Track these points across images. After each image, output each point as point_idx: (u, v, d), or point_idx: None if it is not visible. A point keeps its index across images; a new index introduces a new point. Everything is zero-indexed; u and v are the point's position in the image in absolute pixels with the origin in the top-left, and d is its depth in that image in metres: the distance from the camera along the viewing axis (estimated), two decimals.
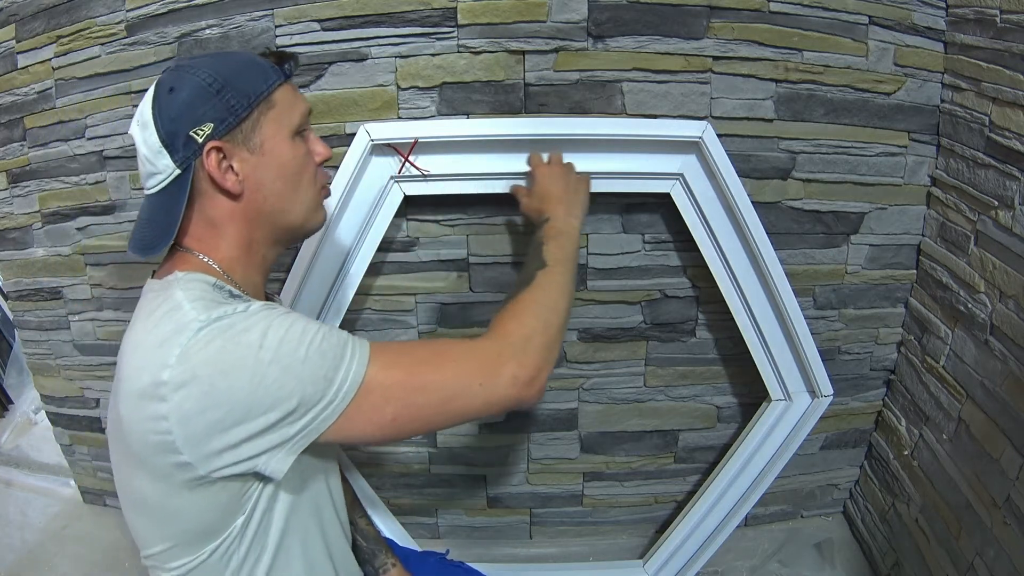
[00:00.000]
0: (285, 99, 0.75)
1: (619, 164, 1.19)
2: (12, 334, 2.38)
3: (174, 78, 0.71)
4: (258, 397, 0.63)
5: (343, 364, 0.66)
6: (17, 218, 1.40)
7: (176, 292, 0.67)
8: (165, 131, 0.69)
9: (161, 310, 0.66)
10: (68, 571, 1.57)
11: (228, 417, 0.62)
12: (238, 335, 0.63)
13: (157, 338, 0.64)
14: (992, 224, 1.10)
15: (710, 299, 1.34)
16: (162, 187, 0.71)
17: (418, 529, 1.61)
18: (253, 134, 0.72)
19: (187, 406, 0.62)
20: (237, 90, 0.71)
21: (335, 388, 0.65)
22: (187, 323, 0.63)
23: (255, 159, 0.73)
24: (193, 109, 0.69)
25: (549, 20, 1.14)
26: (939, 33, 1.18)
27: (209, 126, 0.69)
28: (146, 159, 0.70)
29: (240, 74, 0.72)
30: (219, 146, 0.70)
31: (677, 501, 1.59)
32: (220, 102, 0.70)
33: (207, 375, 0.61)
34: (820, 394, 1.31)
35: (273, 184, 0.74)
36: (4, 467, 1.91)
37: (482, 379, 0.71)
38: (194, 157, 0.70)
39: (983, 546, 1.14)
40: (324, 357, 0.65)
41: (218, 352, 0.62)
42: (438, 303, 1.37)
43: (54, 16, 1.22)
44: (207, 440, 0.63)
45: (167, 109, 0.69)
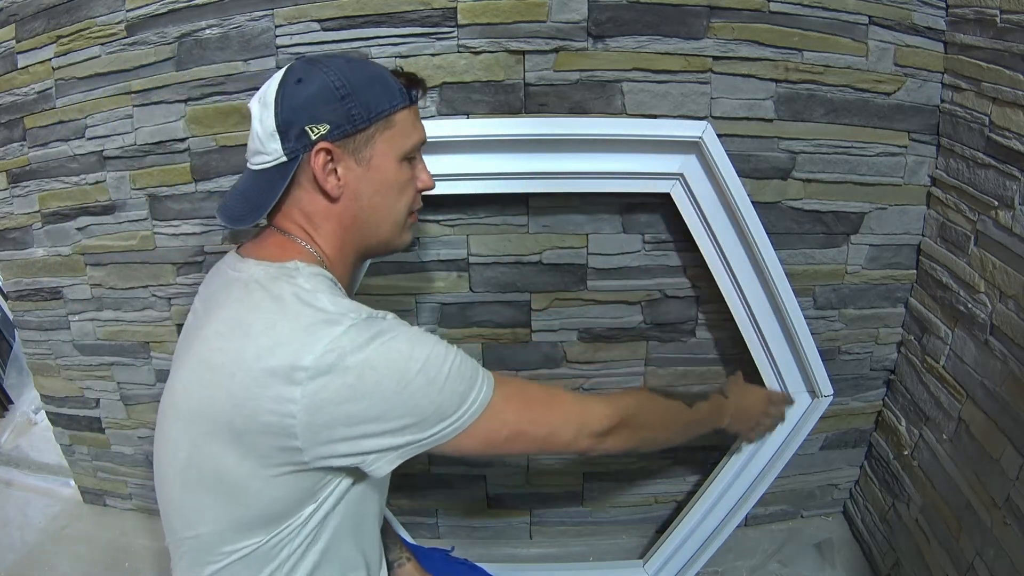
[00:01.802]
0: (405, 123, 0.77)
1: (619, 164, 1.19)
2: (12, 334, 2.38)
3: (305, 70, 0.73)
4: (401, 400, 0.66)
5: (476, 386, 0.72)
6: (17, 218, 1.40)
7: (303, 282, 0.70)
8: (283, 118, 0.71)
9: (291, 294, 0.68)
10: (68, 571, 1.57)
11: (365, 413, 0.65)
12: (389, 341, 0.67)
13: (300, 323, 0.65)
14: (992, 224, 1.10)
15: (710, 299, 1.34)
16: (265, 167, 0.73)
17: (418, 529, 1.61)
18: (365, 147, 0.74)
19: (324, 395, 0.63)
20: (361, 101, 0.73)
21: (466, 406, 0.70)
22: (338, 316, 0.66)
23: (360, 170, 0.75)
24: (315, 106, 0.71)
25: (549, 20, 1.14)
26: (939, 33, 1.18)
27: (325, 127, 0.71)
28: (258, 136, 0.73)
29: (368, 86, 0.74)
30: (329, 148, 0.72)
31: (677, 501, 1.59)
32: (342, 107, 0.72)
33: (357, 370, 0.64)
34: (820, 394, 1.31)
35: (371, 198, 0.77)
36: (4, 467, 1.91)
37: (579, 425, 0.81)
38: (303, 151, 0.72)
39: (983, 546, 1.14)
40: (462, 376, 0.71)
41: (371, 351, 0.65)
42: (438, 303, 1.37)
43: (54, 16, 1.22)
44: (331, 430, 0.65)
45: (291, 98, 0.71)
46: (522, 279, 1.34)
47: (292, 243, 0.76)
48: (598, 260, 1.33)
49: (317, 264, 0.75)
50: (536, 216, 1.29)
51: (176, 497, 0.73)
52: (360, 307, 0.69)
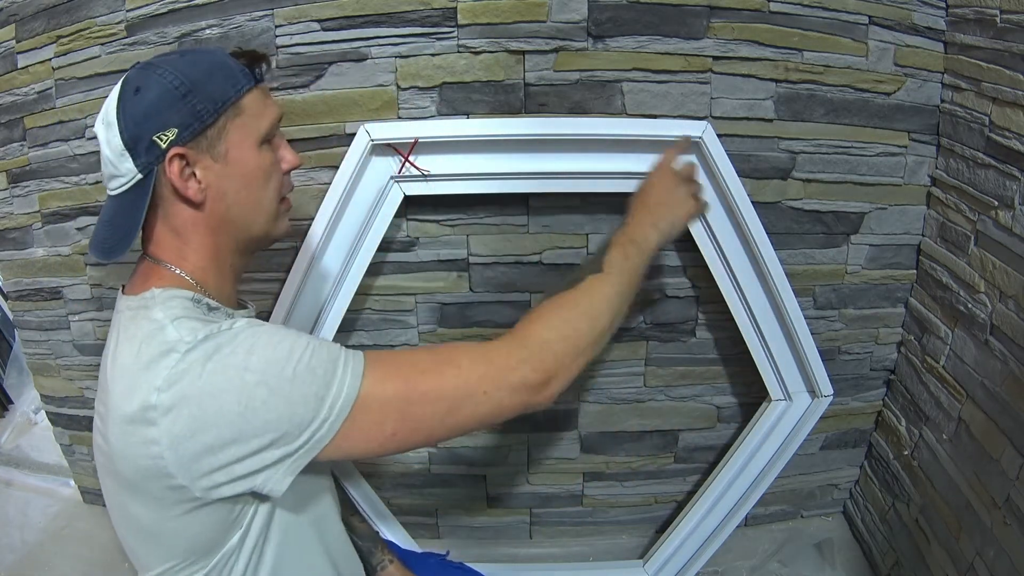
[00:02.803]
0: (254, 105, 0.72)
1: (619, 164, 1.19)
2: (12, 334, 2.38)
3: (141, 77, 0.68)
4: (247, 419, 0.61)
5: (335, 381, 0.64)
6: (17, 218, 1.40)
7: (156, 312, 0.65)
8: (128, 134, 0.66)
9: (143, 331, 0.64)
10: (68, 571, 1.57)
11: (219, 439, 0.61)
12: (225, 357, 0.62)
13: (143, 361, 0.62)
14: (992, 224, 1.10)
15: (710, 299, 1.34)
16: (124, 190, 0.68)
17: (418, 529, 1.61)
18: (218, 141, 0.70)
19: (177, 429, 0.60)
20: (204, 95, 0.68)
21: (327, 406, 0.63)
22: (173, 345, 0.62)
23: (219, 167, 0.70)
24: (158, 113, 0.66)
25: (549, 20, 1.14)
26: (939, 33, 1.18)
27: (173, 132, 0.67)
28: (108, 160, 0.68)
29: (209, 77, 0.69)
30: (182, 153, 0.67)
31: (677, 501, 1.59)
32: (186, 107, 0.67)
33: (196, 397, 0.60)
34: (820, 394, 1.31)
35: (237, 194, 0.72)
36: (4, 467, 1.91)
37: (488, 386, 0.68)
38: (156, 163, 0.67)
39: (983, 546, 1.14)
40: (313, 374, 0.63)
41: (206, 375, 0.61)
42: (438, 303, 1.37)
43: (54, 16, 1.22)
44: (200, 462, 0.61)
45: (132, 110, 0.67)
46: (522, 279, 1.34)
47: (155, 269, 0.72)
48: None
49: (178, 285, 0.70)
50: (536, 216, 1.29)
51: (125, 544, 0.72)
52: (205, 324, 0.64)
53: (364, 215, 1.21)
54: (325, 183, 1.21)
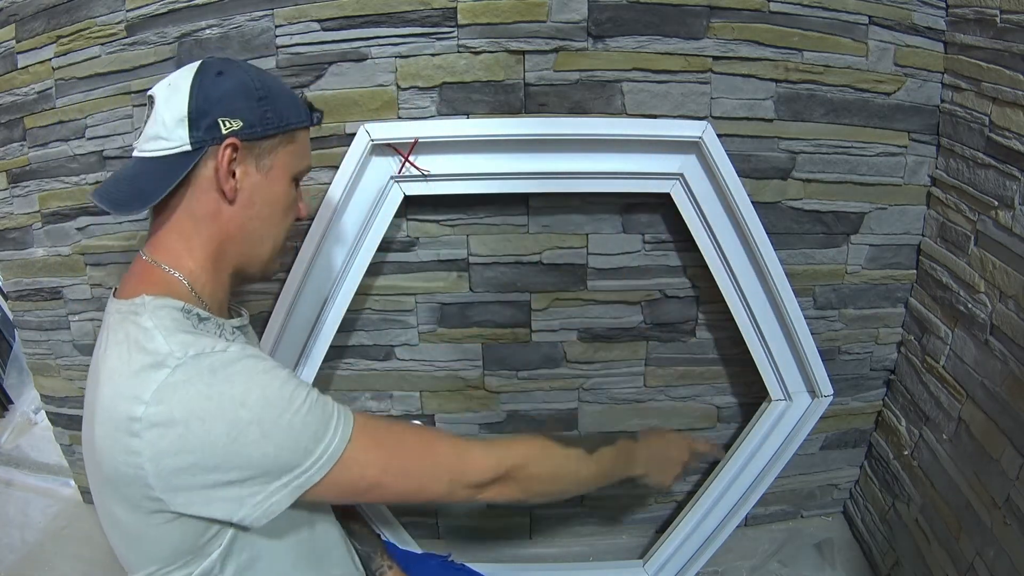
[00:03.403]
0: (302, 143, 0.77)
1: (619, 164, 1.19)
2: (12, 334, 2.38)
3: (225, 65, 0.72)
4: (233, 451, 0.61)
5: (324, 438, 0.66)
6: (17, 218, 1.40)
7: (145, 320, 0.65)
8: (196, 105, 0.68)
9: (132, 337, 0.64)
10: (68, 571, 1.57)
11: (200, 464, 0.61)
12: (219, 383, 0.61)
13: (132, 369, 0.62)
14: (992, 224, 1.10)
15: (710, 299, 1.34)
16: (163, 154, 0.69)
17: (419, 530, 1.61)
18: (268, 155, 0.73)
19: (161, 445, 0.60)
20: (275, 108, 0.72)
21: (312, 459, 0.65)
22: (163, 359, 0.61)
23: (258, 177, 0.73)
24: (232, 100, 0.69)
25: (549, 20, 1.14)
26: (939, 33, 1.18)
27: (238, 123, 0.69)
28: (163, 121, 0.68)
29: (282, 96, 0.74)
30: (237, 145, 0.70)
31: (677, 501, 1.59)
32: (258, 108, 0.71)
33: (183, 419, 0.60)
34: (820, 394, 1.31)
35: (261, 208, 0.74)
36: (4, 467, 1.91)
37: (454, 478, 0.76)
38: (210, 144, 0.69)
39: (983, 546, 1.14)
40: (306, 428, 0.65)
41: (197, 397, 0.61)
42: (438, 303, 1.37)
43: (54, 16, 1.22)
44: (179, 480, 0.61)
45: (208, 87, 0.69)
46: (522, 279, 1.34)
47: (150, 271, 0.71)
48: (598, 260, 1.33)
49: (169, 293, 0.69)
50: (536, 216, 1.29)
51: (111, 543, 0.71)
52: (196, 340, 0.63)
53: (364, 215, 1.21)
54: (325, 183, 1.21)
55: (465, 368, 1.43)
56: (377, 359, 1.42)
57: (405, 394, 1.46)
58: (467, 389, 1.45)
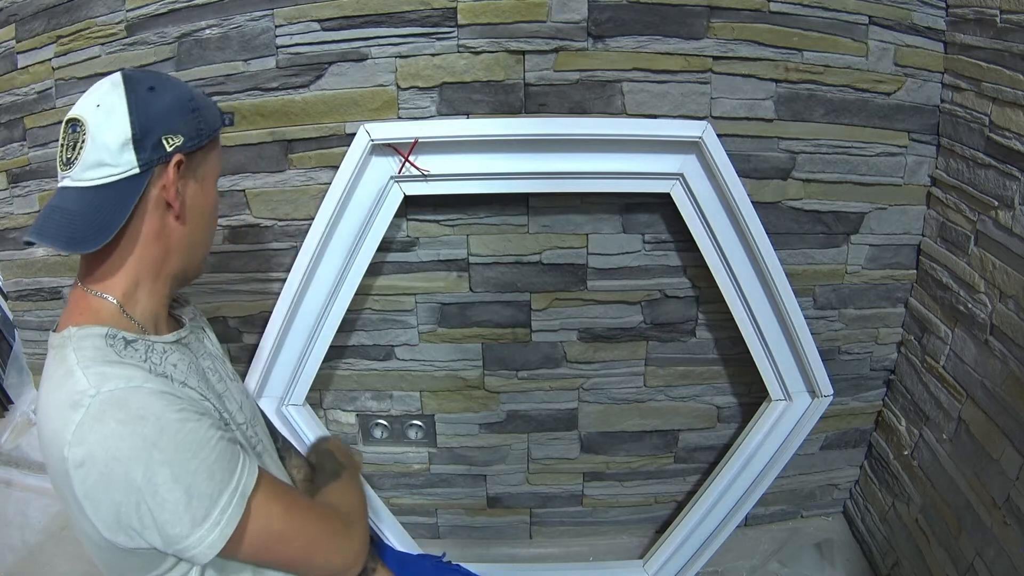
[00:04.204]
0: (219, 146, 0.78)
1: (619, 164, 1.19)
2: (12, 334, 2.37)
3: (153, 79, 0.70)
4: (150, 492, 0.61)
5: (229, 487, 0.64)
6: (17, 218, 1.40)
7: (69, 354, 0.64)
8: (140, 125, 0.66)
9: (58, 375, 0.64)
10: (68, 571, 1.57)
11: (126, 502, 0.61)
12: (132, 421, 0.60)
13: (56, 407, 0.62)
14: (992, 224, 1.10)
15: (710, 299, 1.34)
16: (109, 182, 0.65)
17: (418, 529, 1.61)
18: (202, 165, 0.74)
19: (88, 485, 0.60)
20: (205, 117, 0.72)
21: (219, 509, 0.63)
22: (79, 396, 0.61)
23: (197, 187, 0.73)
24: (172, 116, 0.68)
25: (549, 20, 1.14)
26: (939, 33, 1.18)
27: (180, 139, 0.69)
28: (105, 147, 0.65)
29: (206, 104, 0.73)
30: (183, 161, 0.69)
31: (677, 501, 1.59)
32: (193, 121, 0.70)
33: (102, 459, 0.60)
34: (820, 394, 1.31)
35: (201, 217, 0.75)
36: (4, 467, 1.91)
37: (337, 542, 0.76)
38: (157, 163, 0.67)
39: (983, 546, 1.14)
40: (212, 477, 0.63)
41: (112, 436, 0.60)
42: (438, 303, 1.37)
43: (54, 16, 1.22)
44: (115, 518, 0.61)
45: (147, 106, 0.67)
46: (522, 279, 1.34)
47: (79, 299, 0.70)
48: (598, 260, 1.33)
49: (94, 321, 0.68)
50: (536, 216, 1.29)
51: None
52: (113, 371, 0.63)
53: (364, 215, 1.21)
54: (325, 183, 1.21)
55: (465, 368, 1.43)
56: (377, 359, 1.42)
57: (405, 394, 1.46)
58: (467, 389, 1.45)
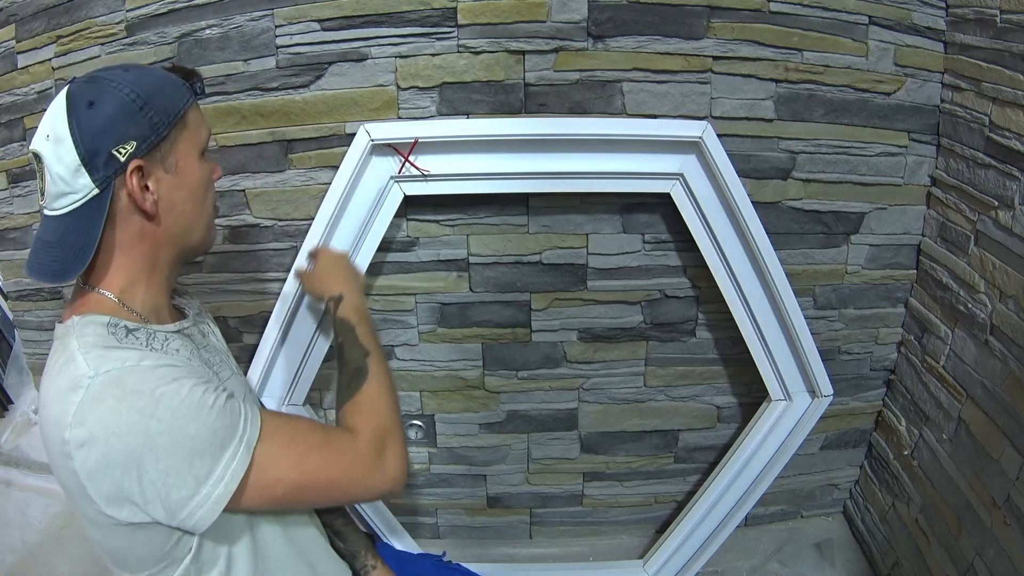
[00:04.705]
0: (195, 118, 0.75)
1: (619, 164, 1.19)
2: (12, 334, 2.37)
3: (92, 91, 0.67)
4: (151, 461, 0.62)
5: (231, 444, 0.66)
6: (17, 218, 1.40)
7: (71, 341, 0.66)
8: (85, 148, 0.65)
9: (60, 361, 0.66)
10: (68, 571, 1.57)
11: (128, 476, 0.62)
12: (128, 396, 0.62)
13: (57, 392, 0.63)
14: (992, 224, 1.10)
15: (710, 299, 1.34)
16: (76, 207, 0.67)
17: (418, 529, 1.61)
18: (170, 154, 0.72)
19: (90, 464, 0.61)
20: (158, 108, 0.69)
21: (223, 465, 0.65)
22: (79, 379, 0.62)
23: (170, 179, 0.72)
24: (116, 126, 0.66)
25: (549, 20, 1.14)
26: (939, 33, 1.18)
27: (132, 144, 0.67)
28: (59, 178, 0.66)
29: (160, 91, 0.70)
30: (140, 165, 0.68)
31: (677, 501, 1.59)
32: (143, 119, 0.68)
33: (102, 437, 0.61)
34: (820, 394, 1.31)
35: (184, 204, 0.74)
36: (4, 467, 1.91)
37: (364, 472, 0.75)
38: (114, 176, 0.67)
39: (983, 546, 1.14)
40: (214, 435, 0.65)
41: (110, 413, 0.61)
42: (438, 303, 1.37)
43: (54, 16, 1.22)
44: (116, 494, 0.63)
45: (88, 124, 0.65)
46: (522, 279, 1.34)
47: (81, 294, 0.72)
48: (598, 260, 1.33)
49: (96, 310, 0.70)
50: (536, 216, 1.29)
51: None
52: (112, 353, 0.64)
53: (364, 215, 1.21)
54: (325, 183, 1.21)
55: (465, 368, 1.43)
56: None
57: (405, 394, 1.46)
58: (467, 389, 1.45)
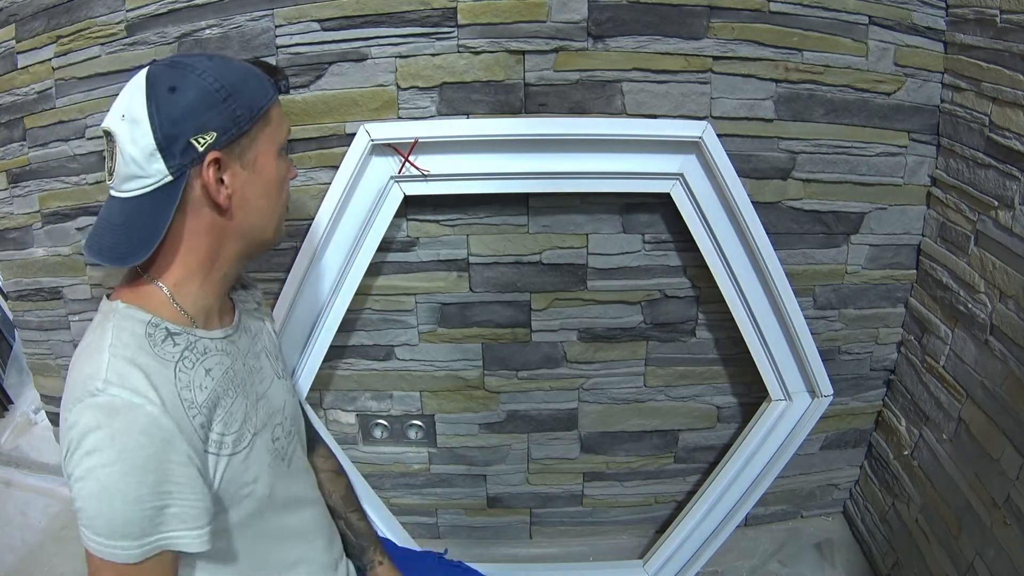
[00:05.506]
0: (278, 116, 0.73)
1: (619, 164, 1.19)
2: (12, 334, 2.38)
3: (175, 76, 0.66)
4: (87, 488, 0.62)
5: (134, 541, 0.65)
6: (17, 218, 1.40)
7: (108, 331, 0.65)
8: (163, 133, 0.63)
9: (95, 341, 0.65)
10: (68, 571, 1.57)
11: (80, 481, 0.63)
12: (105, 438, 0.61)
13: (81, 367, 0.64)
14: (992, 224, 1.10)
15: (710, 299, 1.34)
16: (146, 192, 0.65)
17: (418, 529, 1.61)
18: (249, 149, 0.69)
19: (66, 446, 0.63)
20: (242, 101, 0.67)
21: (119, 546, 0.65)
22: (92, 380, 0.62)
23: (246, 174, 0.70)
24: (198, 114, 0.65)
25: (549, 20, 1.14)
26: (939, 33, 1.18)
27: (212, 135, 0.65)
28: (132, 160, 0.64)
29: (244, 84, 0.68)
30: (219, 158, 0.66)
31: (677, 501, 1.59)
32: (226, 111, 0.66)
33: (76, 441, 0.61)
34: (820, 394, 1.31)
35: (257, 201, 0.72)
36: (4, 467, 1.91)
37: None
38: (190, 166, 0.65)
39: (983, 546, 1.14)
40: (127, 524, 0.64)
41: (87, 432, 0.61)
42: (438, 303, 1.37)
43: (54, 16, 1.22)
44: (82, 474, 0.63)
45: (168, 110, 0.64)
46: (522, 279, 1.34)
47: (134, 278, 0.70)
48: (598, 260, 1.33)
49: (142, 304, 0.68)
50: (536, 216, 1.29)
51: None
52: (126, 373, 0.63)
53: (364, 215, 1.21)
54: (325, 183, 1.21)
55: (465, 368, 1.43)
56: (377, 359, 1.42)
57: (405, 394, 1.46)
58: (467, 389, 1.45)
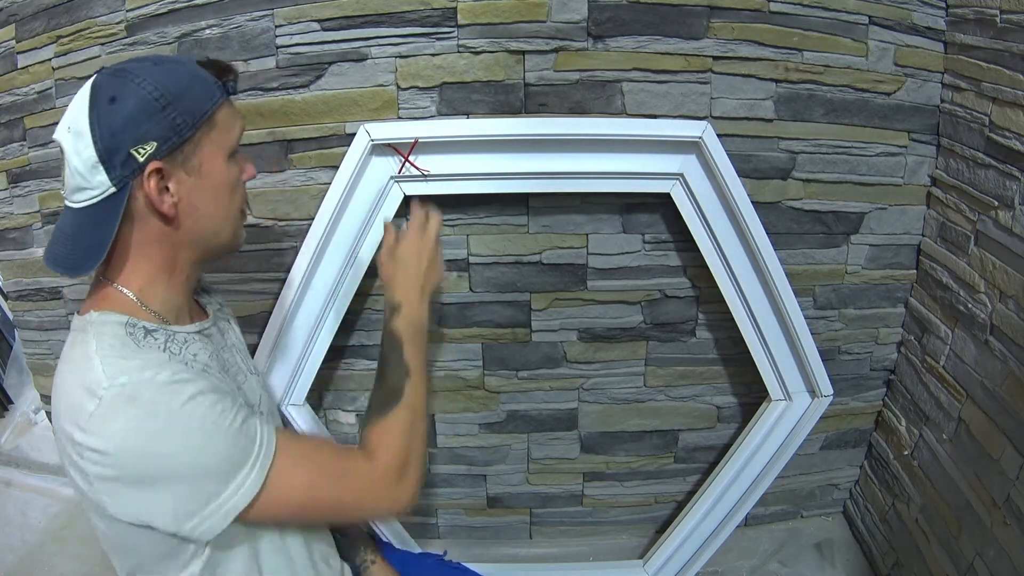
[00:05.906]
0: (226, 118, 0.72)
1: (619, 164, 1.19)
2: (12, 334, 2.38)
3: (116, 86, 0.65)
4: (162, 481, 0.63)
5: (245, 465, 0.66)
6: (17, 218, 1.40)
7: (90, 339, 0.66)
8: (103, 145, 0.63)
9: (78, 358, 0.65)
10: (68, 571, 1.57)
11: (136, 490, 0.63)
12: (142, 417, 0.62)
13: (72, 386, 0.64)
14: (992, 224, 1.10)
15: (710, 299, 1.34)
16: (91, 203, 0.65)
17: (418, 529, 1.61)
18: (193, 155, 0.69)
19: (97, 470, 0.62)
20: (183, 107, 0.66)
21: (234, 486, 0.66)
22: (95, 385, 0.62)
23: (192, 181, 0.69)
24: (136, 125, 0.64)
25: (549, 20, 1.14)
26: (939, 33, 1.18)
27: (152, 145, 0.65)
28: (77, 171, 0.64)
29: (187, 90, 0.67)
30: (159, 167, 0.66)
31: (677, 501, 1.59)
32: (165, 120, 0.65)
33: (114, 451, 0.61)
34: (820, 394, 1.31)
35: (206, 208, 0.71)
36: (4, 467, 1.91)
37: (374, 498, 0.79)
38: (132, 177, 0.65)
39: (983, 546, 1.14)
40: (229, 459, 0.65)
41: (123, 431, 0.61)
42: (438, 303, 1.36)
43: (54, 16, 1.22)
44: (123, 501, 0.64)
45: (107, 121, 0.64)
46: (522, 279, 1.34)
47: (100, 288, 0.71)
48: (598, 260, 1.33)
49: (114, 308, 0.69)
50: (536, 216, 1.29)
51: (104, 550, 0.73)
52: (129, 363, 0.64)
53: (364, 215, 1.21)
54: (325, 183, 1.21)
55: (465, 368, 1.43)
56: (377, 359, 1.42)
57: None
58: (467, 389, 1.45)
